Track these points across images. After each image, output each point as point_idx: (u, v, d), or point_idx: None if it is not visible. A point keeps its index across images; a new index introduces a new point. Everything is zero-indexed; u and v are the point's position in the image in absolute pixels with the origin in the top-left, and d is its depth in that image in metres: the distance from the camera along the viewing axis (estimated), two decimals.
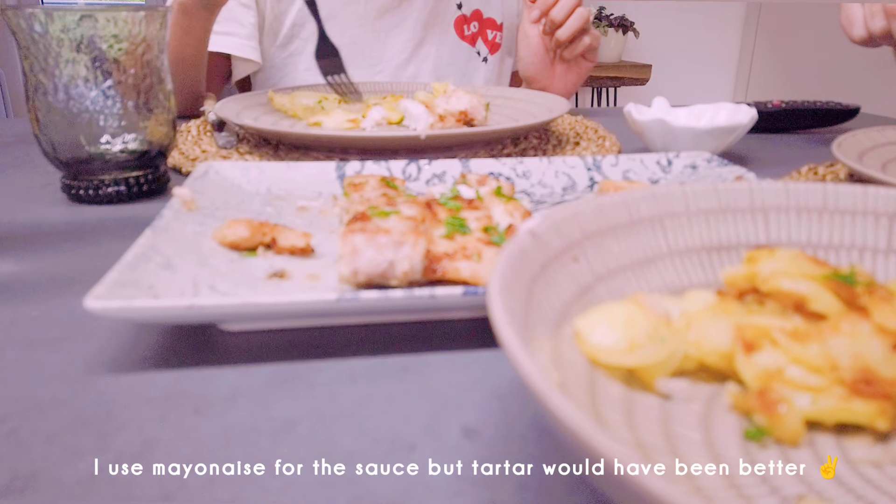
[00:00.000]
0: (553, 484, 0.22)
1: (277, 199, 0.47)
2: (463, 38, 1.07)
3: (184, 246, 0.35)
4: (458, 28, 1.06)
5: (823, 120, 0.82)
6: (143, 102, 0.50)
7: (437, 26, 1.04)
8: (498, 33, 1.10)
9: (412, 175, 0.50)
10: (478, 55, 1.09)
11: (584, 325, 0.24)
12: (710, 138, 0.62)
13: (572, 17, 0.88)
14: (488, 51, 1.09)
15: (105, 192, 0.51)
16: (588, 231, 0.27)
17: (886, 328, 0.22)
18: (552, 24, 0.88)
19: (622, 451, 0.13)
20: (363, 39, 1.00)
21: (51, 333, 0.31)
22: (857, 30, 0.69)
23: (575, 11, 0.88)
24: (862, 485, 0.20)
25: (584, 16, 0.88)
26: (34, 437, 0.24)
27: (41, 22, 0.45)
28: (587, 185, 0.52)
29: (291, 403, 0.26)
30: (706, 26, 3.18)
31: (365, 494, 0.21)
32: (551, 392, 0.15)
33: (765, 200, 0.30)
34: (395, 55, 1.02)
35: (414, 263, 0.32)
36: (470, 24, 1.07)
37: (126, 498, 0.21)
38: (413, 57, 1.04)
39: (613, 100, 3.03)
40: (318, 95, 0.78)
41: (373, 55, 1.01)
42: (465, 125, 0.66)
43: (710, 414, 0.23)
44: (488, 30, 1.09)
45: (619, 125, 0.77)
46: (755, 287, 0.26)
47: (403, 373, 0.29)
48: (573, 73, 0.97)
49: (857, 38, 0.69)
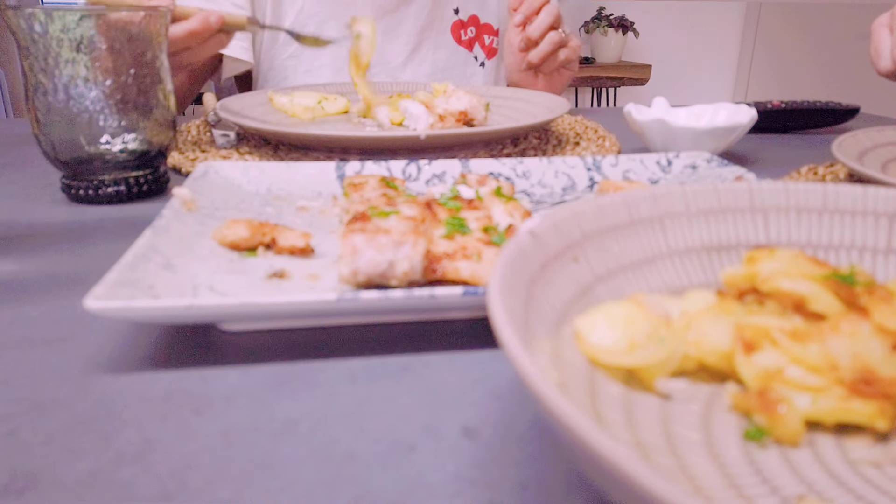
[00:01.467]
0: (553, 484, 0.22)
1: (277, 199, 0.47)
2: (460, 43, 1.07)
3: (184, 246, 0.35)
4: (455, 33, 1.07)
5: (823, 120, 0.82)
6: (142, 102, 0.50)
7: (433, 31, 1.04)
8: (495, 38, 1.10)
9: (412, 175, 0.50)
10: (475, 60, 1.09)
11: (584, 325, 0.24)
12: (709, 138, 0.62)
13: (543, 42, 0.87)
14: (485, 56, 1.10)
15: (105, 192, 0.51)
16: (588, 231, 0.27)
17: (886, 328, 0.22)
18: (528, 42, 0.88)
19: (622, 451, 0.13)
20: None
21: (51, 333, 0.31)
22: (884, 62, 0.67)
23: (546, 36, 0.87)
24: (862, 485, 0.20)
25: (554, 40, 0.87)
26: (34, 437, 0.24)
27: (41, 22, 0.45)
28: (587, 186, 0.52)
29: (291, 403, 0.26)
30: (706, 26, 3.18)
31: (365, 494, 0.21)
32: (551, 392, 0.15)
33: (765, 200, 0.30)
34: (391, 59, 1.03)
35: (414, 263, 0.32)
36: (467, 30, 1.07)
37: (126, 498, 0.21)
38: (409, 61, 1.04)
39: (613, 100, 3.03)
40: (318, 95, 0.78)
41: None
42: (465, 125, 0.66)
43: (710, 414, 0.23)
44: (485, 35, 1.09)
45: (619, 125, 0.77)
46: (755, 287, 0.26)
47: (403, 373, 0.29)
48: (555, 81, 0.97)
49: (884, 70, 0.67)
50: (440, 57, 1.06)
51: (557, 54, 0.90)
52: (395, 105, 0.71)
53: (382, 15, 1.00)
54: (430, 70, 1.05)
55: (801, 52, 3.08)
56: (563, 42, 0.89)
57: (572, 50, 0.92)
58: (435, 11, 1.03)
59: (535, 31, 0.87)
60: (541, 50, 0.88)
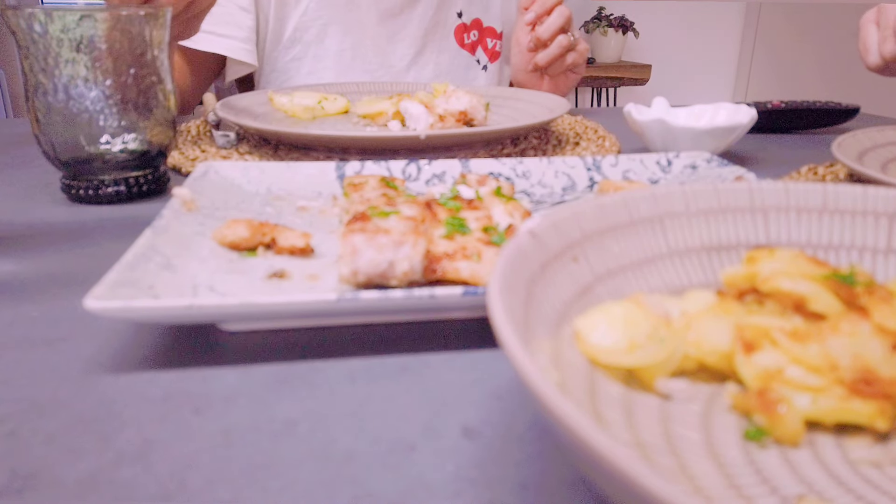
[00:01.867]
0: (553, 484, 0.22)
1: (277, 199, 0.47)
2: (463, 47, 1.07)
3: (184, 246, 0.35)
4: (458, 36, 1.07)
5: (823, 120, 0.82)
6: (142, 102, 0.50)
7: (437, 34, 1.04)
8: (497, 42, 1.10)
9: (412, 175, 0.50)
10: (477, 63, 1.09)
11: (583, 325, 0.24)
12: (709, 138, 0.62)
13: (552, 45, 0.87)
14: (488, 59, 1.10)
15: (105, 192, 0.51)
16: (588, 231, 0.27)
17: (886, 328, 0.22)
18: (537, 42, 0.88)
19: (622, 451, 0.13)
20: (364, 45, 1.00)
21: (51, 333, 0.31)
22: (871, 57, 0.67)
23: (556, 38, 0.87)
24: (862, 485, 0.20)
25: (563, 44, 0.87)
26: (34, 437, 0.24)
27: (41, 22, 0.45)
28: (587, 186, 0.52)
29: (291, 403, 0.26)
30: (706, 26, 3.18)
31: (365, 494, 0.21)
32: (551, 392, 0.15)
33: (765, 200, 0.30)
34: (395, 62, 1.03)
35: (414, 263, 0.32)
36: (470, 33, 1.07)
37: (126, 498, 0.21)
38: (413, 64, 1.04)
39: (613, 100, 3.03)
40: (318, 96, 0.78)
41: (374, 61, 1.02)
42: (465, 125, 0.66)
43: (709, 414, 0.23)
44: (488, 38, 1.09)
45: (619, 125, 0.77)
46: (755, 287, 0.26)
47: (403, 373, 0.29)
48: (560, 84, 0.97)
49: (873, 65, 0.68)
50: (443, 60, 1.06)
51: (565, 58, 0.90)
52: (395, 105, 0.71)
53: (386, 18, 1.00)
54: (434, 73, 1.05)
55: (801, 52, 3.08)
56: (571, 46, 0.89)
57: (580, 54, 0.92)
58: (438, 15, 1.03)
59: (545, 32, 0.87)
60: (549, 52, 0.88)
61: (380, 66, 1.02)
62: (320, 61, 1.00)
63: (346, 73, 1.00)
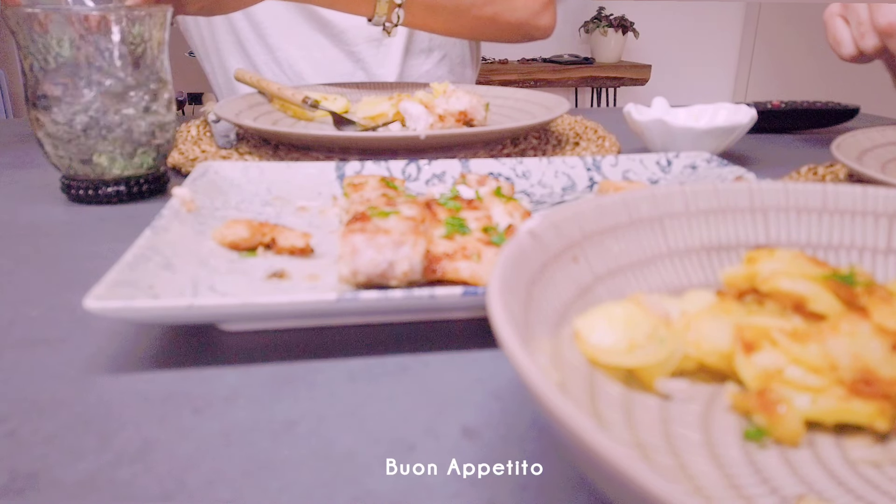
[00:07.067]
0: (553, 484, 0.22)
1: (277, 199, 0.47)
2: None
3: (184, 246, 0.35)
4: None
5: (823, 120, 0.82)
6: (143, 102, 0.50)
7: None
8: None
9: (412, 175, 0.50)
10: None
11: (583, 325, 0.24)
12: (709, 138, 0.62)
13: None
14: None
15: (105, 192, 0.50)
16: (588, 231, 0.27)
17: (886, 328, 0.22)
18: None
19: (622, 451, 0.13)
20: (368, 53, 1.01)
21: (51, 333, 0.31)
22: (845, 48, 0.69)
23: None
24: (862, 485, 0.20)
25: None
26: (34, 437, 0.24)
27: (41, 22, 0.45)
28: (587, 186, 0.52)
29: (291, 403, 0.26)
30: (706, 26, 3.18)
31: (365, 494, 0.21)
32: (551, 392, 0.15)
33: (764, 200, 0.30)
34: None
35: (414, 263, 0.32)
36: None
37: (126, 498, 0.21)
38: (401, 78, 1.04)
39: (613, 100, 3.03)
40: (318, 96, 0.78)
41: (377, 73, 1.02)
42: (465, 125, 0.66)
43: (709, 414, 0.23)
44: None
45: (619, 125, 0.77)
46: (755, 287, 0.26)
47: (403, 373, 0.29)
48: None
49: (847, 56, 0.70)
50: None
51: None
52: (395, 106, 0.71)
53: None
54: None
55: (801, 52, 3.08)
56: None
57: None
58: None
59: None
60: None
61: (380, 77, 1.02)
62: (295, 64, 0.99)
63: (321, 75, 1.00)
